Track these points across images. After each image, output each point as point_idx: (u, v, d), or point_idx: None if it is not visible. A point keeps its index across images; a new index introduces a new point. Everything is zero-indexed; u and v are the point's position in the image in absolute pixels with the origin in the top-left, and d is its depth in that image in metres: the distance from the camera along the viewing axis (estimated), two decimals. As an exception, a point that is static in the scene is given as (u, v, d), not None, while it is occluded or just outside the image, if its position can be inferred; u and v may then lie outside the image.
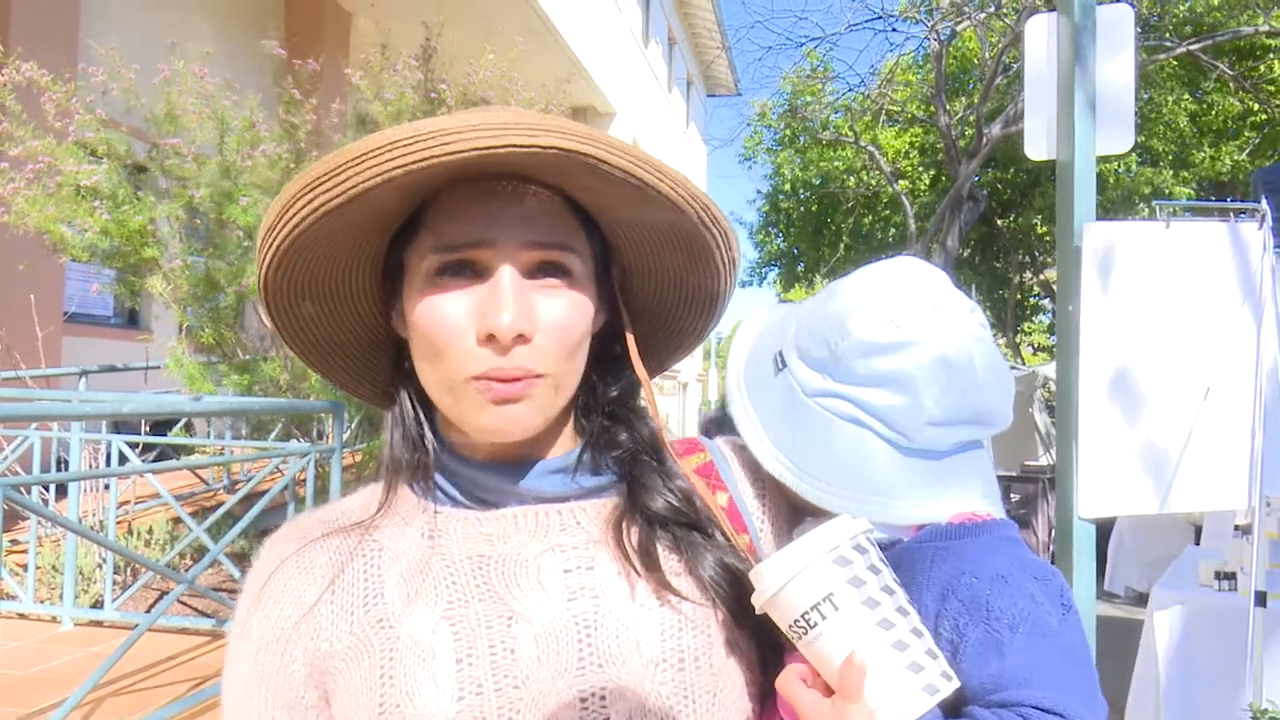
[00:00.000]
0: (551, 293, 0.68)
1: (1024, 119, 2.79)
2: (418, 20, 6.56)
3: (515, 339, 0.66)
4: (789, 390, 0.77)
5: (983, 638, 0.65)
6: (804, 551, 0.65)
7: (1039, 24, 2.73)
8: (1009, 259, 17.06)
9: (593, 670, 0.67)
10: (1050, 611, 0.66)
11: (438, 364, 0.68)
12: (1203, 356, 2.44)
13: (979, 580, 0.67)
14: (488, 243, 0.67)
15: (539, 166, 0.65)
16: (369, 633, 0.69)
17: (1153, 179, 13.29)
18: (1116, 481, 2.40)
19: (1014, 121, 8.69)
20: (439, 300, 0.67)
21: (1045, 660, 0.63)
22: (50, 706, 3.11)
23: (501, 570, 0.70)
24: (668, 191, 0.68)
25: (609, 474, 0.76)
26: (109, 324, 8.44)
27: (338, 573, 0.72)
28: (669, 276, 0.78)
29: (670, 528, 0.73)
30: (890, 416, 0.73)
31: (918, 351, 0.72)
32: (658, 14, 19.41)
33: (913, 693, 0.63)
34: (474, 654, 0.67)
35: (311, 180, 0.63)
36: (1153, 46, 9.52)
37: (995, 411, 0.75)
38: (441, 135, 0.60)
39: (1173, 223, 2.47)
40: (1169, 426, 2.41)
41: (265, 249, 0.68)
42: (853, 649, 0.63)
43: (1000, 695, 0.63)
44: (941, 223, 9.86)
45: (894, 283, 0.76)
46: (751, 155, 17.97)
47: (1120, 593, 6.90)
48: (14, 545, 4.82)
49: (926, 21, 9.74)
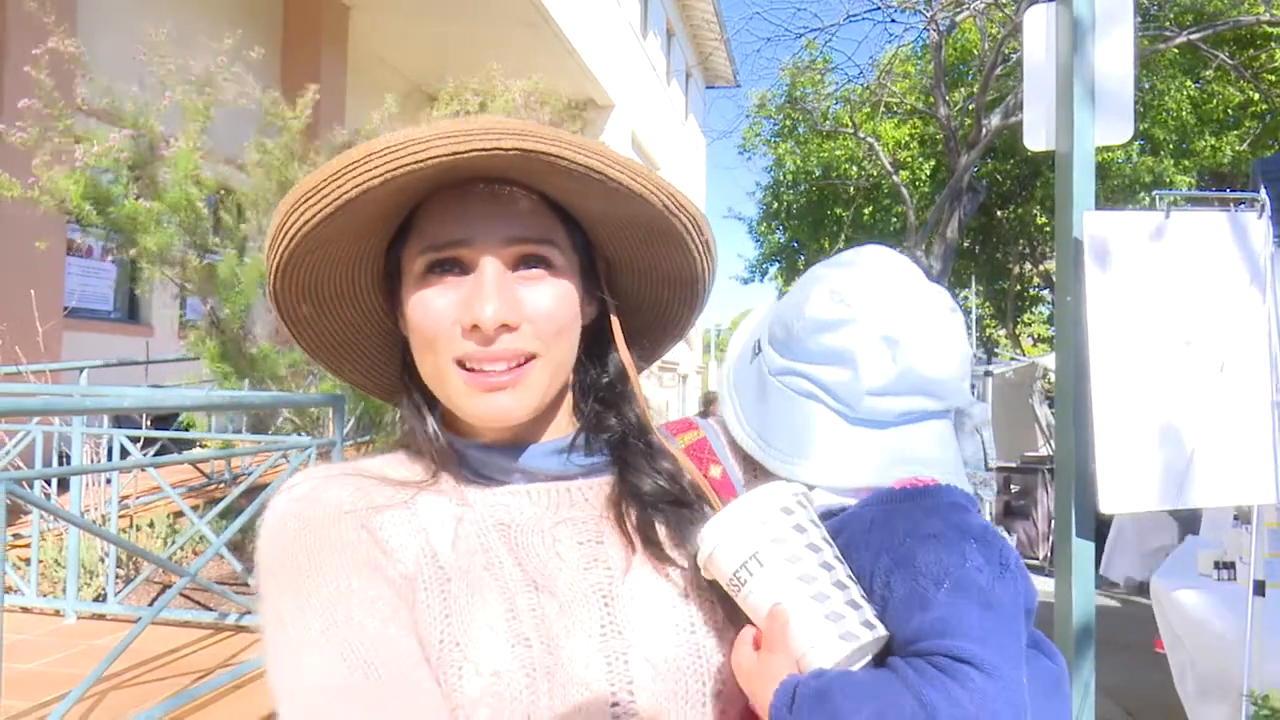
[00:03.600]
0: (535, 283, 0.73)
1: (1023, 110, 2.79)
2: (414, 14, 6.54)
3: (499, 329, 0.71)
4: (760, 372, 0.83)
5: (908, 593, 0.67)
6: (732, 515, 0.71)
7: (1038, 14, 2.72)
8: (1009, 250, 17.04)
9: (614, 637, 0.72)
10: (981, 569, 0.68)
11: (428, 354, 0.74)
12: (1209, 347, 2.44)
13: (911, 539, 0.70)
14: (469, 240, 0.72)
15: (512, 169, 0.70)
16: (426, 565, 0.72)
17: (1154, 167, 13.27)
18: (1136, 477, 2.37)
19: (1013, 112, 8.68)
20: (428, 295, 0.73)
21: (965, 613, 0.65)
22: (53, 700, 3.12)
23: (522, 538, 0.75)
24: (629, 183, 0.72)
25: (602, 455, 0.81)
26: (109, 318, 8.44)
27: (385, 504, 0.74)
28: (649, 267, 0.83)
29: (661, 506, 0.78)
30: (835, 388, 0.78)
31: (858, 326, 0.77)
32: (656, 6, 19.35)
33: (831, 640, 0.66)
34: (515, 610, 0.70)
35: (302, 194, 0.69)
36: (1153, 36, 9.49)
37: (944, 384, 0.78)
38: (413, 145, 0.66)
39: (1173, 212, 2.47)
40: (1183, 419, 2.40)
41: (271, 258, 0.73)
42: (775, 602, 0.68)
43: (918, 645, 0.65)
44: (941, 213, 9.84)
45: (848, 267, 0.81)
46: (751, 147, 17.94)
47: (1120, 582, 6.92)
48: (16, 539, 4.83)
49: (925, 12, 9.71)
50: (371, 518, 0.72)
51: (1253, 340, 2.45)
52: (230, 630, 4.12)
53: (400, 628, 0.68)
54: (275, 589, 0.70)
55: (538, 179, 0.73)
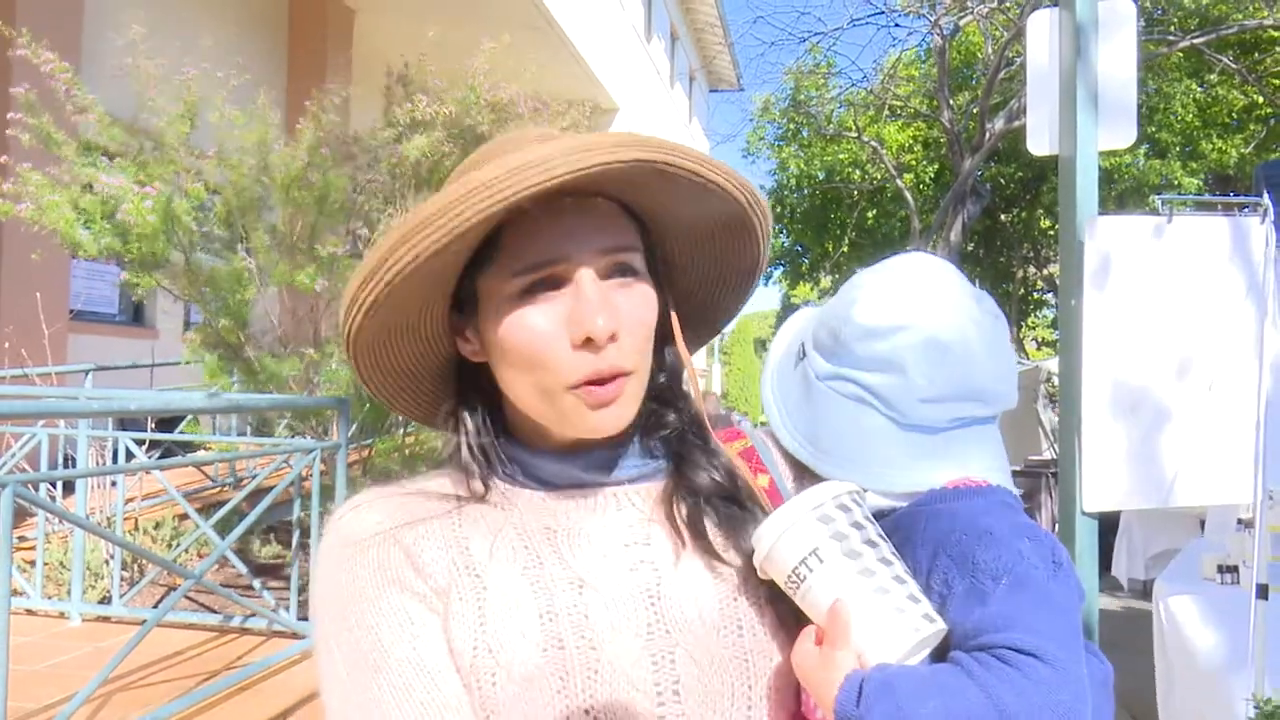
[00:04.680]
0: (626, 290, 0.74)
1: (1027, 114, 2.79)
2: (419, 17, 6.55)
3: (609, 340, 0.71)
4: (805, 377, 0.85)
5: (967, 588, 0.69)
6: (790, 512, 0.71)
7: (1041, 19, 2.73)
8: (1013, 253, 17.02)
9: (661, 635, 0.72)
10: (1036, 565, 0.69)
11: (533, 375, 0.73)
12: (1205, 350, 2.44)
13: (967, 537, 0.71)
14: (565, 257, 0.71)
15: (605, 180, 0.70)
16: (460, 576, 0.72)
17: (1161, 170, 13.26)
18: (1120, 476, 2.40)
19: (1017, 116, 8.68)
20: (528, 313, 0.72)
21: (1025, 607, 0.66)
22: (59, 702, 3.13)
23: (567, 541, 0.75)
24: (723, 183, 0.73)
25: (658, 459, 0.81)
26: (115, 321, 8.46)
27: (424, 518, 0.75)
28: (709, 260, 0.84)
29: (714, 502, 0.79)
30: (886, 395, 0.78)
31: (909, 334, 0.77)
32: (660, 9, 19.38)
33: (894, 633, 0.67)
34: (553, 611, 0.70)
35: (419, 222, 0.67)
36: (1157, 40, 9.49)
37: (991, 390, 0.80)
38: (535, 167, 0.65)
39: (1175, 217, 2.47)
40: (1172, 420, 2.42)
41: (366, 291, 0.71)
42: (836, 597, 0.68)
43: (980, 640, 0.66)
44: (945, 217, 9.84)
45: (894, 272, 0.82)
46: (755, 150, 17.95)
47: (1124, 584, 6.91)
48: (22, 542, 4.84)
49: (929, 16, 9.71)
50: (405, 534, 0.73)
51: (1244, 345, 2.45)
52: (235, 632, 4.13)
53: (427, 645, 0.69)
54: (322, 616, 0.73)
55: (630, 188, 0.73)
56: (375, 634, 0.69)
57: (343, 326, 0.74)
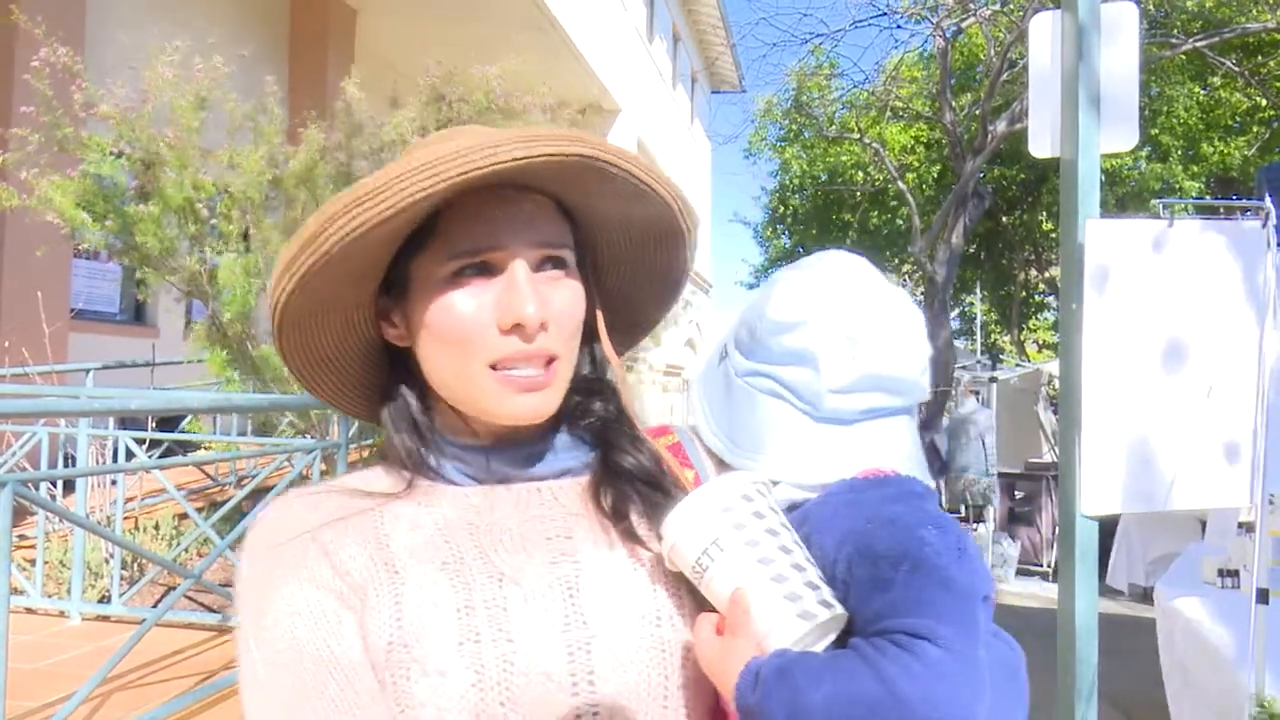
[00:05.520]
0: (555, 283, 0.75)
1: (1028, 116, 2.79)
2: (421, 18, 6.56)
3: (538, 328, 0.73)
4: (726, 374, 0.87)
5: (869, 575, 0.70)
6: (692, 503, 0.73)
7: (1043, 21, 2.72)
8: (1014, 256, 17.02)
9: (578, 627, 0.72)
10: (939, 552, 0.70)
11: (456, 356, 0.74)
12: (1206, 354, 2.44)
13: (871, 524, 0.72)
14: (501, 245, 0.73)
15: (545, 174, 0.72)
16: (380, 573, 0.73)
17: (1163, 174, 13.25)
18: (1119, 479, 2.40)
19: (1019, 118, 8.67)
20: (457, 297, 0.73)
21: (923, 593, 0.67)
22: (58, 701, 3.13)
23: (489, 536, 0.76)
24: (659, 189, 0.76)
25: (584, 453, 0.82)
26: (115, 320, 8.47)
27: (348, 515, 0.76)
28: (636, 264, 0.86)
29: (640, 488, 0.80)
30: (799, 388, 0.80)
31: (818, 327, 0.79)
32: (662, 10, 19.38)
33: (790, 620, 0.69)
34: (471, 606, 0.71)
35: (359, 196, 0.68)
36: (1159, 43, 9.48)
37: (904, 382, 0.81)
38: (481, 150, 0.67)
39: (1176, 220, 2.46)
40: (1172, 424, 2.41)
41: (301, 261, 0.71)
42: (736, 586, 0.70)
43: (879, 625, 0.67)
44: (946, 219, 9.83)
45: (808, 269, 0.84)
46: (757, 151, 17.96)
47: (1124, 590, 6.90)
48: (22, 540, 4.85)
49: (931, 18, 9.71)
50: (324, 533, 0.74)
51: (1245, 349, 2.45)
52: (234, 632, 4.14)
53: (341, 642, 0.70)
54: (241, 615, 0.73)
55: (565, 184, 0.75)
56: (291, 631, 0.70)
57: (273, 294, 0.74)
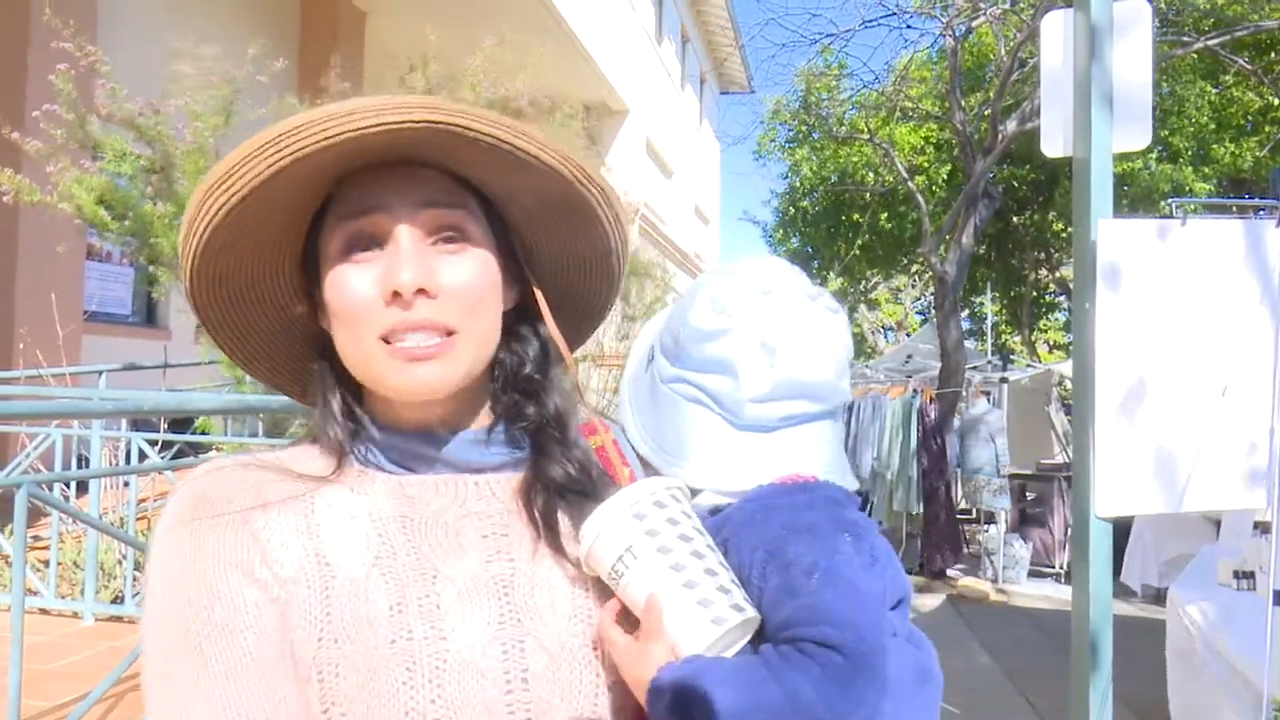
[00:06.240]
0: (452, 254, 0.74)
1: (1040, 116, 2.78)
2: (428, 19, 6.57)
3: (417, 293, 0.70)
4: (652, 379, 0.88)
5: (780, 583, 0.71)
6: (607, 510, 0.73)
7: (1055, 20, 2.71)
8: (1025, 256, 16.94)
9: (512, 624, 0.72)
10: (850, 561, 0.72)
11: (351, 332, 0.73)
12: (1220, 355, 2.43)
13: (786, 531, 0.74)
14: (384, 206, 0.72)
15: (426, 147, 0.71)
16: (309, 565, 0.71)
17: (1173, 175, 13.16)
18: (1133, 481, 2.38)
19: (1030, 118, 8.62)
20: (348, 271, 0.72)
21: (834, 602, 0.69)
22: (72, 701, 3.14)
23: (424, 531, 0.75)
24: (537, 153, 0.73)
25: (522, 448, 0.81)
26: (128, 322, 8.51)
27: (277, 500, 0.74)
28: (564, 250, 0.84)
29: (569, 496, 0.79)
30: (720, 396, 0.81)
31: (737, 336, 0.80)
32: (670, 11, 19.38)
33: (702, 624, 0.70)
34: (404, 603, 0.70)
35: (217, 179, 0.68)
36: (1171, 41, 9.43)
37: (823, 387, 0.82)
38: (322, 123, 0.66)
39: (1189, 220, 2.45)
40: (1186, 425, 2.40)
41: (185, 248, 0.72)
42: (650, 592, 0.71)
43: (787, 633, 0.69)
44: (956, 219, 9.79)
45: (729, 276, 0.84)
46: (766, 152, 17.92)
47: (1137, 591, 6.86)
48: (36, 541, 4.87)
49: (941, 18, 9.68)
50: (256, 517, 0.72)
51: (1259, 348, 2.43)
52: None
53: (258, 635, 0.68)
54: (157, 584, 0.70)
55: (449, 157, 0.73)
56: (207, 615, 0.67)
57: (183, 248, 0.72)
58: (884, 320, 26.71)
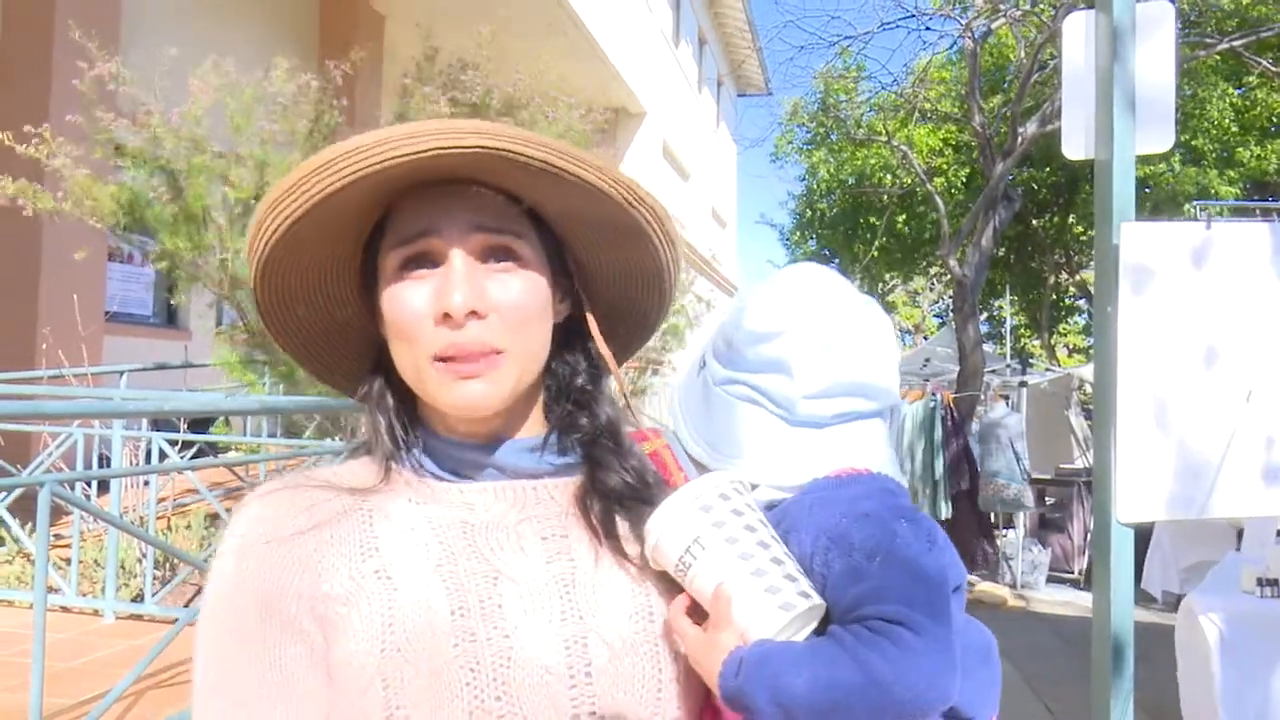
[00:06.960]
0: (503, 275, 0.76)
1: (1061, 117, 2.75)
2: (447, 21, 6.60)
3: (468, 315, 0.73)
4: (705, 384, 0.91)
5: (844, 567, 0.73)
6: (672, 505, 0.76)
7: (1077, 21, 2.69)
8: (1044, 259, 16.81)
9: (574, 621, 0.74)
10: (911, 544, 0.74)
11: (406, 348, 0.76)
12: (1244, 359, 2.40)
13: (846, 519, 0.76)
14: (437, 231, 0.75)
15: (479, 169, 0.73)
16: (368, 581, 0.73)
17: (1197, 178, 13.02)
18: (1156, 486, 2.36)
19: (1050, 120, 8.55)
20: (402, 289, 0.75)
21: (897, 582, 0.71)
22: (93, 698, 3.17)
23: (484, 534, 0.77)
24: (587, 176, 0.75)
25: (575, 455, 0.84)
26: (149, 323, 8.59)
27: (333, 520, 0.76)
28: (618, 268, 0.86)
29: (626, 503, 0.81)
30: (774, 394, 0.84)
31: (791, 337, 0.83)
32: (688, 14, 19.38)
33: (770, 611, 0.71)
34: (466, 607, 0.72)
35: (278, 195, 0.71)
36: (1194, 42, 9.34)
37: (874, 387, 0.85)
38: (379, 147, 0.69)
39: (1214, 223, 2.42)
40: (1209, 430, 2.37)
41: (252, 257, 0.75)
42: (719, 581, 0.72)
43: (856, 613, 0.71)
44: (975, 222, 9.72)
45: (781, 282, 0.88)
46: (783, 154, 17.86)
47: (1157, 597, 6.79)
48: (57, 539, 4.92)
49: (960, 20, 9.62)
50: (308, 541, 0.74)
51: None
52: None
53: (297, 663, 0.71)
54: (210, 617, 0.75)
55: (501, 178, 0.75)
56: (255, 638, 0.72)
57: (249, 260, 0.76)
58: (901, 323, 26.59)
